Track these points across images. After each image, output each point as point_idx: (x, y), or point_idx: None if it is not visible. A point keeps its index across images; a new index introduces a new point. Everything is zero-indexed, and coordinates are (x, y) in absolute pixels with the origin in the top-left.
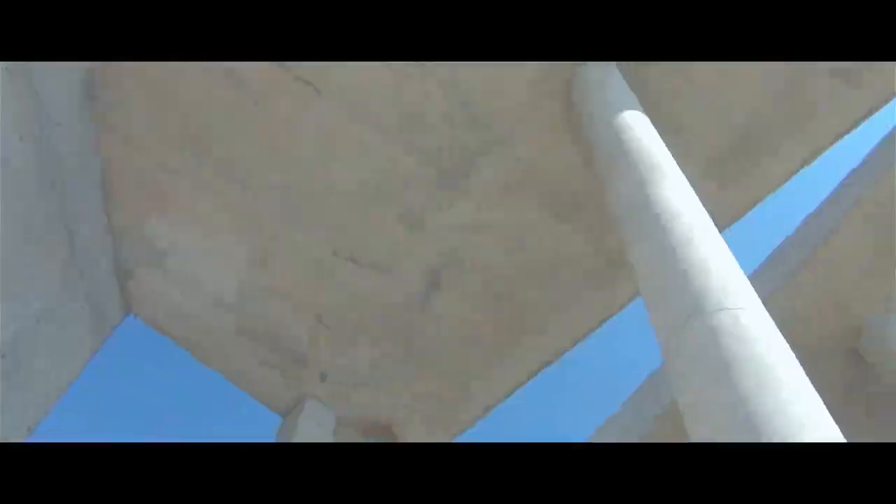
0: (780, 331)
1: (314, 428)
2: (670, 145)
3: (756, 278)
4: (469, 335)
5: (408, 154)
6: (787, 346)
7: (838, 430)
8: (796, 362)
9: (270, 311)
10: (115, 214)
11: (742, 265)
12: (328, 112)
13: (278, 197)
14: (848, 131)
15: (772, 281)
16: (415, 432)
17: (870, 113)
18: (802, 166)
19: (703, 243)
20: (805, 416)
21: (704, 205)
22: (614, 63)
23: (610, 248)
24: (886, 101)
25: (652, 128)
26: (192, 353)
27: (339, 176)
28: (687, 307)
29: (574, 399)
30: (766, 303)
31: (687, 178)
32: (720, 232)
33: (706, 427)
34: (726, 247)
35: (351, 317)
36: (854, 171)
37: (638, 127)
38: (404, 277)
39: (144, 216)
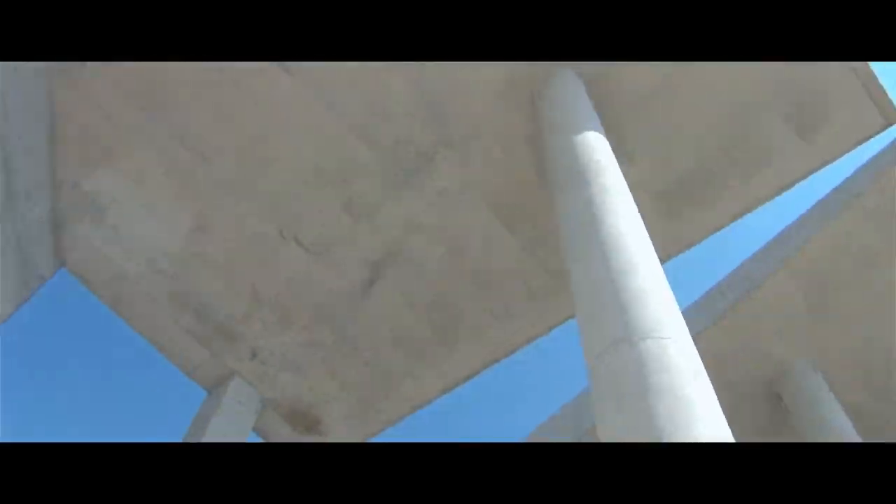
0: (707, 367)
1: (237, 406)
2: (626, 172)
3: (690, 312)
4: (403, 333)
5: (365, 143)
6: (709, 382)
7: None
8: (715, 399)
9: (206, 281)
10: (58, 163)
11: (678, 298)
12: (291, 90)
13: (229, 167)
14: (795, 183)
15: (705, 317)
16: (338, 423)
17: (817, 168)
18: (748, 210)
19: (643, 271)
20: None
21: (650, 234)
22: (582, 82)
23: (553, 264)
24: (835, 158)
25: (610, 151)
26: (120, 315)
27: (293, 155)
28: (617, 331)
29: (505, 405)
30: (696, 338)
31: (637, 206)
32: (662, 263)
33: None
34: (664, 277)
35: (288, 298)
36: (791, 224)
37: (596, 149)
38: (346, 266)
39: (89, 169)
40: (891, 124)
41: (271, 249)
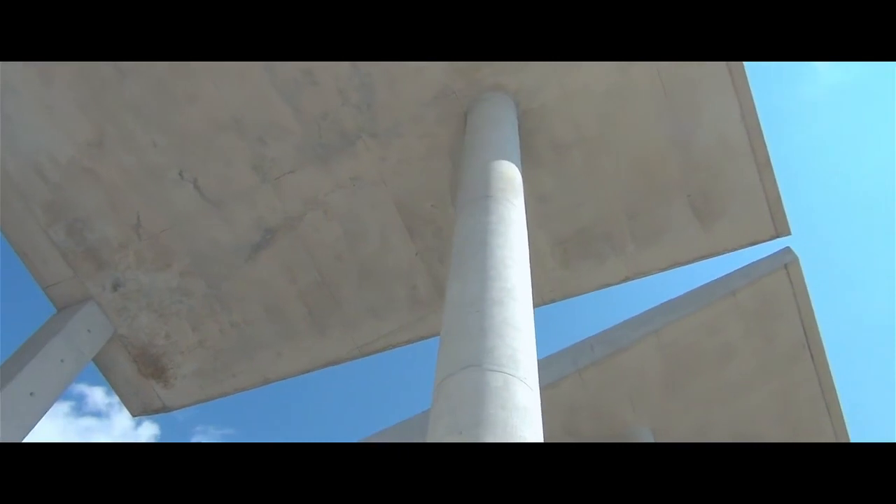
0: (557, 413)
1: (83, 333)
2: (533, 208)
3: (557, 357)
4: (277, 305)
5: (290, 107)
6: (541, 427)
7: None
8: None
9: (89, 200)
10: None
11: (545, 344)
12: None
13: (144, 92)
14: (685, 263)
15: (568, 365)
16: (186, 376)
17: (708, 256)
18: (637, 277)
19: (513, 306)
20: None
21: (539, 275)
22: (515, 112)
23: (443, 277)
24: (726, 251)
25: (521, 185)
26: None
27: (214, 99)
28: (469, 357)
29: (361, 400)
30: (555, 383)
31: (532, 245)
32: (540, 305)
33: None
34: (531, 318)
35: (170, 239)
36: (669, 301)
37: (510, 179)
38: (238, 224)
39: None
40: (779, 236)
41: (167, 186)
